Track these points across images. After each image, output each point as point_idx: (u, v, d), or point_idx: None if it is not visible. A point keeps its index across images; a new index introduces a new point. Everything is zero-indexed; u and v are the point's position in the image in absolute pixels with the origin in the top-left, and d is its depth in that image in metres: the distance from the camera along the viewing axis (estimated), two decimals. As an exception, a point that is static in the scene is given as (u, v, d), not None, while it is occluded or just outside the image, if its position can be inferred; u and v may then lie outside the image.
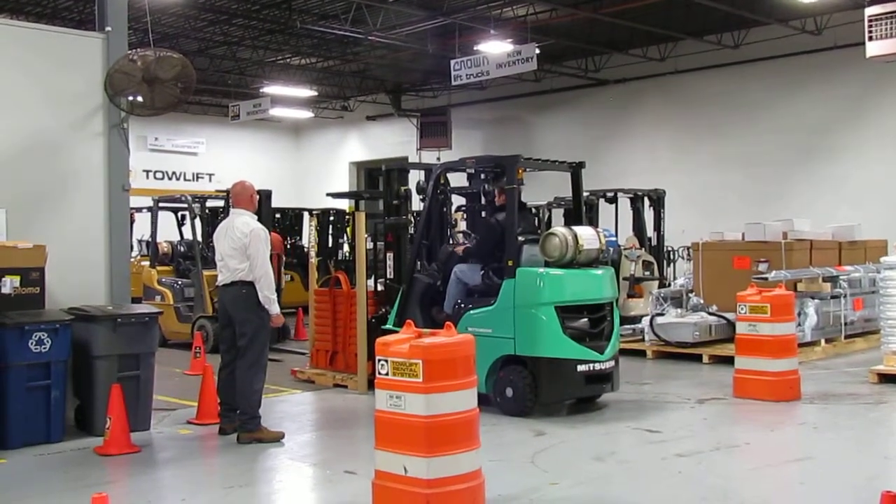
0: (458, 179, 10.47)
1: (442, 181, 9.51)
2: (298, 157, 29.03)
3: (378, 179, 10.12)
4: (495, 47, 16.86)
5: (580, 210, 9.45)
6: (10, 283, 7.27)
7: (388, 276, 9.73)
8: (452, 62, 17.34)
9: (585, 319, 8.30)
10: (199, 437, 7.68)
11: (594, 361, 8.15)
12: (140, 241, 17.17)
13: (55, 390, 7.24)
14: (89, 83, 8.27)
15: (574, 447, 7.16)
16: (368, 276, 10.01)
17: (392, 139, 25.54)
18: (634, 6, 16.06)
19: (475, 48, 17.33)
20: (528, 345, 8.05)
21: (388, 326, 8.91)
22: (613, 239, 8.79)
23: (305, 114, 25.88)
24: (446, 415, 4.95)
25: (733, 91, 19.02)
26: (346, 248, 18.19)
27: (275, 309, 7.45)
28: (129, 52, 8.29)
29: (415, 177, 10.24)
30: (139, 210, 15.31)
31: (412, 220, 9.90)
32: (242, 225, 7.45)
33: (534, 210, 15.08)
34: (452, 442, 4.97)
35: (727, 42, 18.45)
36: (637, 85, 20.53)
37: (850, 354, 11.92)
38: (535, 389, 8.02)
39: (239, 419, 7.39)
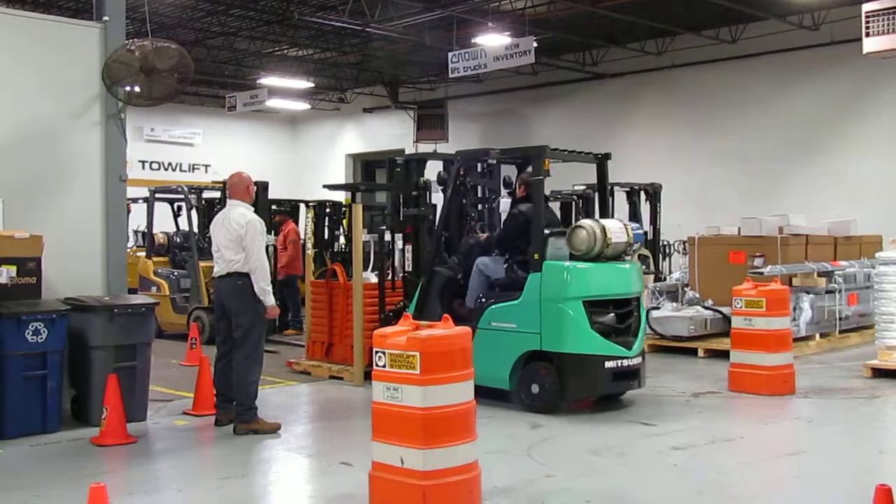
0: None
1: (462, 172, 9.22)
2: (295, 148, 28.98)
3: (374, 171, 10.13)
4: (493, 40, 16.84)
5: (606, 202, 9.24)
6: (7, 273, 7.26)
7: (406, 268, 9.52)
8: (450, 55, 17.31)
9: (612, 314, 8.11)
10: (195, 428, 7.68)
11: (622, 357, 7.98)
12: (136, 232, 17.14)
13: (51, 380, 7.24)
14: (87, 73, 8.25)
15: (570, 440, 7.18)
16: (375, 268, 10.01)
17: (389, 131, 25.50)
18: (632, 0, 16.05)
19: (473, 41, 17.31)
20: (555, 340, 7.85)
21: None
22: (640, 232, 8.68)
23: (302, 105, 25.83)
24: (443, 407, 4.96)
25: (730, 86, 19.01)
26: (341, 240, 18.16)
27: (270, 300, 7.45)
28: (127, 42, 8.27)
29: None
30: (135, 201, 15.28)
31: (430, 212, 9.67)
32: (238, 216, 7.45)
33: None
34: (449, 434, 4.98)
35: (725, 37, 18.45)
36: (634, 79, 20.52)
37: (844, 349, 11.95)
38: (562, 386, 7.88)
39: (235, 410, 7.40)
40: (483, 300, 8.45)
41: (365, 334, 9.47)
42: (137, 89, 8.23)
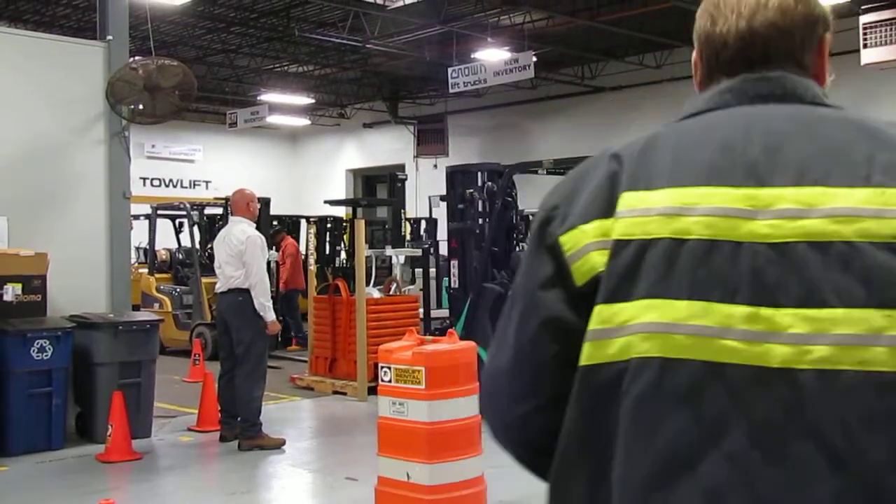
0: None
1: (510, 185, 8.89)
2: (295, 164, 29.05)
3: (375, 187, 10.10)
4: (493, 55, 16.91)
5: None
6: (13, 291, 7.30)
7: (452, 284, 9.17)
8: (450, 70, 17.38)
9: None
10: (199, 445, 7.70)
11: None
12: (138, 249, 17.19)
13: (56, 397, 7.27)
14: (91, 91, 8.32)
15: (574, 453, 7.19)
16: (375, 282, 10.01)
17: (389, 146, 25.56)
18: (631, 14, 16.13)
19: (472, 56, 17.38)
20: None
21: None
22: None
23: (302, 121, 25.91)
24: (449, 421, 4.99)
25: (729, 98, 19.09)
26: (343, 255, 18.24)
27: (270, 316, 7.46)
28: (131, 60, 8.35)
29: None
30: (137, 217, 15.33)
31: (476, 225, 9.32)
32: (239, 233, 7.51)
33: (531, 217, 15.08)
34: (455, 448, 5.00)
35: (723, 50, 18.53)
36: (633, 92, 20.59)
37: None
38: None
39: (240, 426, 7.42)
40: None
41: (368, 349, 9.50)
42: (141, 107, 8.29)
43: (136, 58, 8.75)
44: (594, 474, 1.10)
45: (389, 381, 5.08)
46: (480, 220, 9.14)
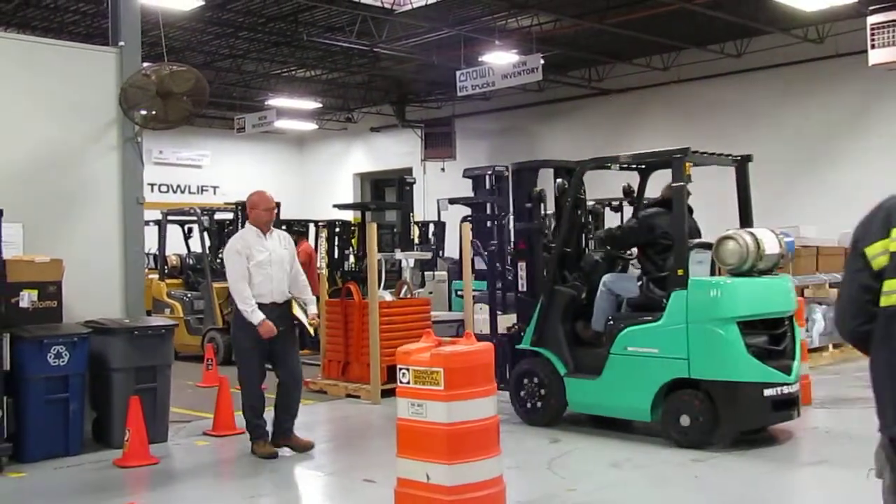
0: (463, 188, 10.42)
1: (582, 182, 8.48)
2: (303, 168, 29.11)
3: (384, 190, 10.08)
4: (500, 58, 16.95)
5: (748, 209, 8.59)
6: (29, 297, 7.32)
7: (520, 288, 8.63)
8: (458, 73, 17.42)
9: (766, 336, 7.29)
10: (216, 449, 7.72)
11: (782, 384, 7.07)
12: (148, 254, 17.21)
13: (73, 403, 7.29)
14: (104, 97, 8.35)
15: (590, 453, 7.20)
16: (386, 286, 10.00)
17: (396, 150, 25.62)
18: (638, 17, 16.15)
19: (480, 59, 17.42)
20: (706, 366, 7.01)
21: (524, 346, 8.16)
22: (791, 240, 8.16)
23: (310, 126, 25.95)
24: (467, 422, 5.02)
25: (736, 99, 19.08)
26: (351, 259, 18.26)
27: (254, 319, 7.10)
28: (143, 66, 8.38)
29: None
30: (147, 223, 15.34)
31: (547, 224, 8.96)
32: (231, 239, 7.63)
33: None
34: (474, 449, 5.03)
35: (730, 51, 18.54)
36: (640, 94, 20.61)
37: (858, 359, 11.90)
38: (716, 417, 7.04)
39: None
40: (613, 322, 7.75)
41: (381, 352, 9.53)
42: (154, 113, 8.32)
43: (148, 64, 8.77)
44: (888, 346, 2.62)
45: (408, 383, 5.11)
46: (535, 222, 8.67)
